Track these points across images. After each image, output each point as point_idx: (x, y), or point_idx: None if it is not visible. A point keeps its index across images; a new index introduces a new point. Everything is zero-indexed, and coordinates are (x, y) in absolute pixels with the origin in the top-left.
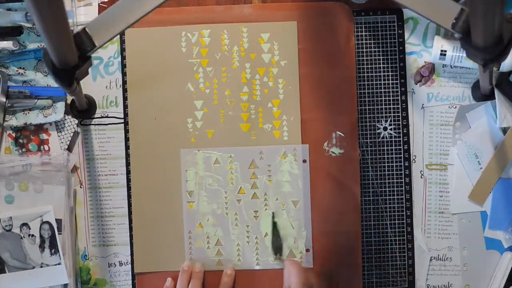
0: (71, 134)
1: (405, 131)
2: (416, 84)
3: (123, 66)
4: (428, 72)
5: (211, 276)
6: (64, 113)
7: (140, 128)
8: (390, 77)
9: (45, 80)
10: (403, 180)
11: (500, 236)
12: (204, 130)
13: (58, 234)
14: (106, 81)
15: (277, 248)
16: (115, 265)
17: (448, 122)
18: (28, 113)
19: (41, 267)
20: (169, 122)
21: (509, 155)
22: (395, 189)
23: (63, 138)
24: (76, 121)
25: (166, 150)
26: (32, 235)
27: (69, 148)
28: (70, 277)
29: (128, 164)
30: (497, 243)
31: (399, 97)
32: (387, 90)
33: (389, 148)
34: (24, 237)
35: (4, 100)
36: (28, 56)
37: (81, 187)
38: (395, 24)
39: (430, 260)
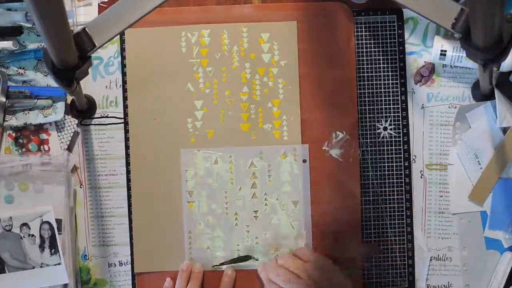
0: (71, 134)
1: (405, 131)
2: (416, 84)
3: (123, 66)
4: (428, 72)
5: (211, 276)
6: (64, 113)
7: (140, 128)
8: (390, 77)
9: (45, 80)
10: (403, 180)
11: (500, 236)
12: (204, 130)
13: (58, 234)
14: (106, 81)
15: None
16: (115, 265)
17: (448, 122)
18: (28, 113)
19: (41, 267)
20: (169, 122)
21: (509, 155)
22: (395, 189)
23: (63, 138)
24: (76, 121)
25: (166, 150)
26: (32, 235)
27: (69, 148)
28: (70, 277)
29: (128, 164)
30: (497, 243)
31: (399, 97)
32: (387, 90)
33: (389, 148)
34: (24, 237)
35: (4, 100)
36: (28, 56)
37: (81, 187)
38: (395, 24)
39: (430, 260)
